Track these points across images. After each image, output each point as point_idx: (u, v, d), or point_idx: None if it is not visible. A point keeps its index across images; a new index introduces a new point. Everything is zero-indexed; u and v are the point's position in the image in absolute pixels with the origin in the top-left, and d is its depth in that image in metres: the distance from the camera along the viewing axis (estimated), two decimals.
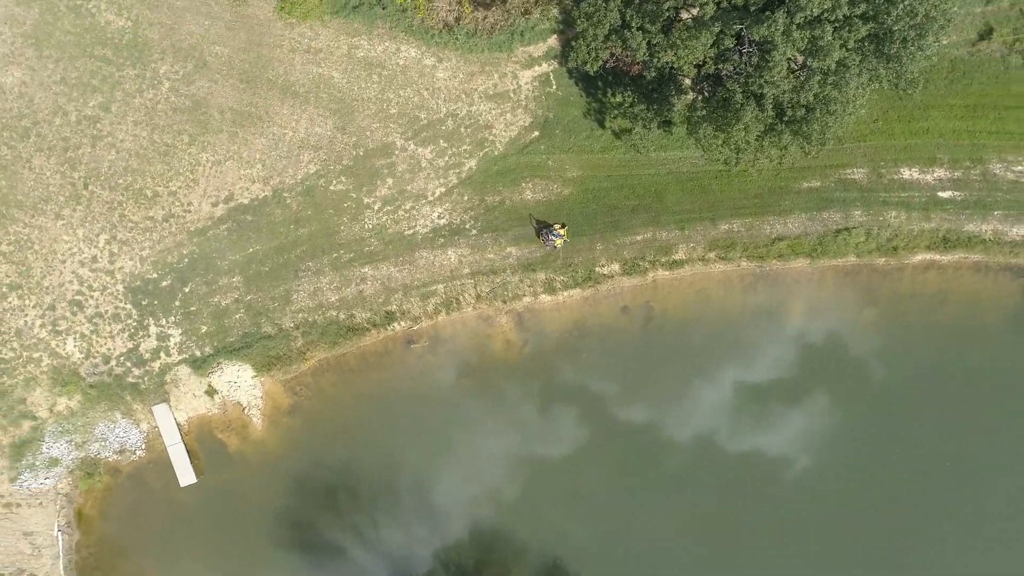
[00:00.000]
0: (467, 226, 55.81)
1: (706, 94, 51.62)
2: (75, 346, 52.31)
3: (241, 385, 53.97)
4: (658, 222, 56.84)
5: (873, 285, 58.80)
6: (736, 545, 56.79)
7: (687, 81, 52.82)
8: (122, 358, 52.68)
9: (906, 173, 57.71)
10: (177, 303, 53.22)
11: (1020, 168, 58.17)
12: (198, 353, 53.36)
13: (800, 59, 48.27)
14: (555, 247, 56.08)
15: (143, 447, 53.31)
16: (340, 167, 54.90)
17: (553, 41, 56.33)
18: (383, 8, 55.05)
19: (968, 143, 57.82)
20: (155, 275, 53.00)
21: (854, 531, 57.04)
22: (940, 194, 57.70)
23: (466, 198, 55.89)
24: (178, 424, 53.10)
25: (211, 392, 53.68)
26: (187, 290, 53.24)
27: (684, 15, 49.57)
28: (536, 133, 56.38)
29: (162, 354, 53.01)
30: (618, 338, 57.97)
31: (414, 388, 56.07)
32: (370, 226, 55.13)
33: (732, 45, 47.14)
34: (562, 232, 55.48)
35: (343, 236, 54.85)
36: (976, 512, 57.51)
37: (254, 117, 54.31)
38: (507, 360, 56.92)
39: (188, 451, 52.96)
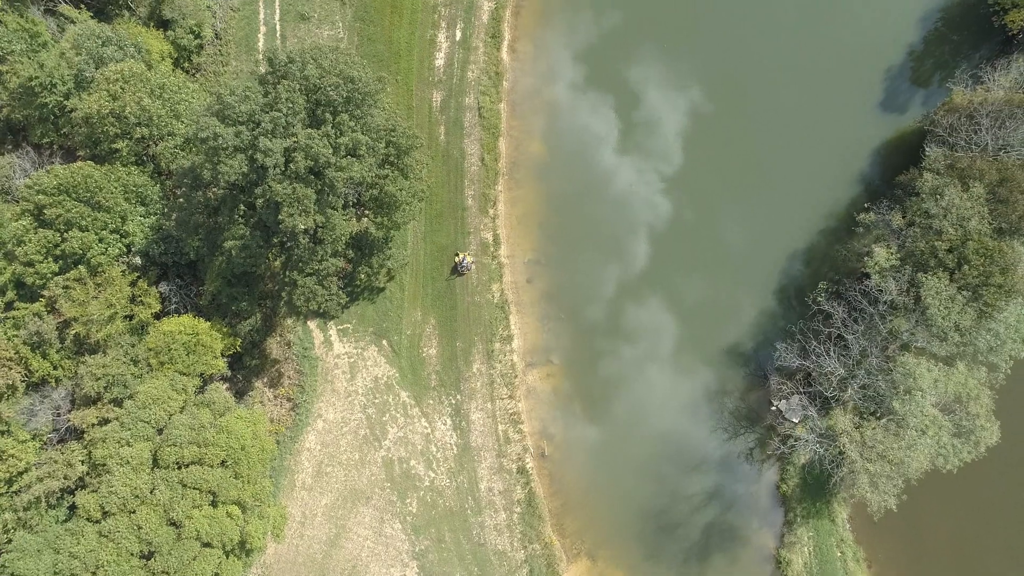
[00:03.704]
0: (453, 399, 69.26)
1: (368, 211, 64.44)
2: None
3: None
4: (462, 229, 71.02)
5: None
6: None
7: (356, 222, 65.60)
8: None
9: None
10: None
11: None
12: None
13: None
14: (471, 268, 69.96)
15: None
16: (397, 500, 68.09)
17: (313, 326, 69.40)
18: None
19: None
20: None
21: None
22: None
23: (432, 401, 69.26)
24: None
25: None
26: None
27: (314, 225, 61.51)
28: (384, 342, 69.60)
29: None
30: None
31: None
32: (446, 480, 68.58)
33: (344, 201, 60.02)
34: (466, 256, 69.53)
35: (455, 505, 68.38)
36: None
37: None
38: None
39: None
